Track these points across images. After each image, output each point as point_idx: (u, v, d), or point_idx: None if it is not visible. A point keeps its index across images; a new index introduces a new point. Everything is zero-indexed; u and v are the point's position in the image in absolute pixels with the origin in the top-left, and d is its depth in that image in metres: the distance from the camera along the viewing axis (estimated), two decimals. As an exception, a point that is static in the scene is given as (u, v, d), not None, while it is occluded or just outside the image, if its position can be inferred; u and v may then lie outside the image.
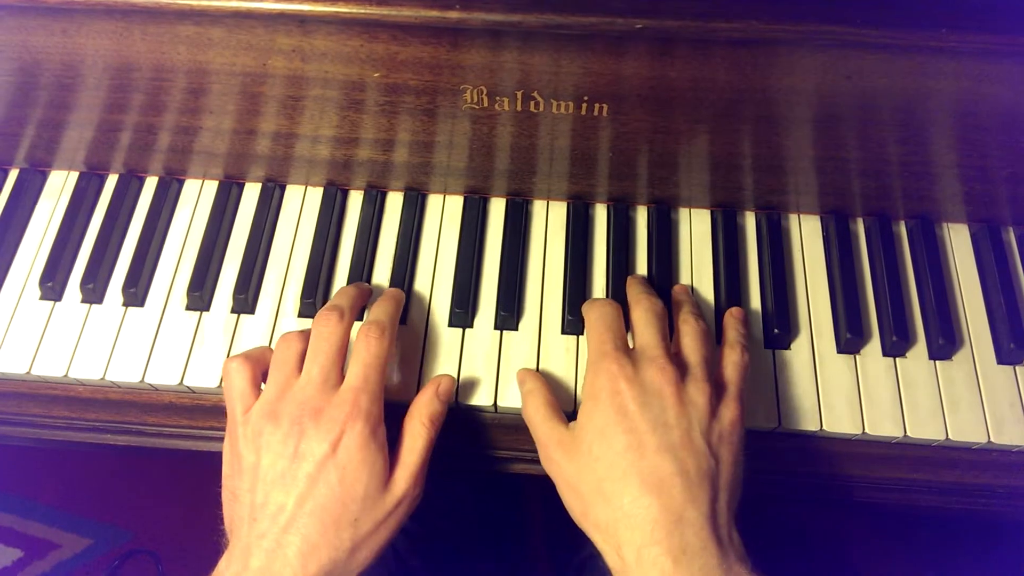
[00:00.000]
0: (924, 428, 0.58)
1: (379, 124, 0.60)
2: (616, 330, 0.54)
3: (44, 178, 0.68)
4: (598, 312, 0.55)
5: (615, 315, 0.55)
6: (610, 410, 0.49)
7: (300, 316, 0.62)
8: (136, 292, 0.62)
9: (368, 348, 0.52)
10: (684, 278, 0.64)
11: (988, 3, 0.51)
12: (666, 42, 0.52)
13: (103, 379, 0.59)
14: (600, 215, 0.67)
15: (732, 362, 0.54)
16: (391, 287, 0.62)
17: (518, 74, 0.55)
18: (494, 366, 0.60)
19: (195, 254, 0.64)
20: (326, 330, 0.53)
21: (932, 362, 0.61)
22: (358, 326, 0.59)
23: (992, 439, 0.58)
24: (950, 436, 0.58)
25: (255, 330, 0.61)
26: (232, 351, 0.60)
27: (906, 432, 0.58)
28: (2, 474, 1.19)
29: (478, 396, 0.58)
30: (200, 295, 0.62)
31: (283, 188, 0.67)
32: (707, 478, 0.47)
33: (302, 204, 0.67)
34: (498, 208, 0.67)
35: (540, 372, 0.59)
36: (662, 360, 0.50)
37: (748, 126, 0.58)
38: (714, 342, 0.57)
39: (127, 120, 0.62)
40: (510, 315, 0.61)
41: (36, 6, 0.53)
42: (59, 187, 0.67)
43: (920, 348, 0.61)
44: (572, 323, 0.61)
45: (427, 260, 0.64)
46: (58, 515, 1.16)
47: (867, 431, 0.58)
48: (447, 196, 0.67)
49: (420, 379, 0.59)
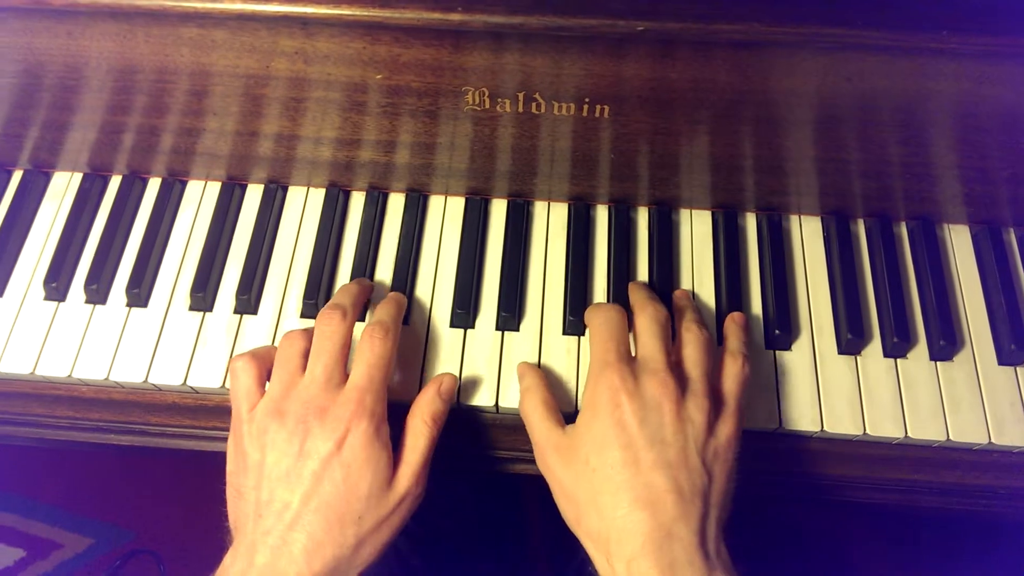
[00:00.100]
0: (925, 429, 0.58)
1: (381, 126, 0.60)
2: (620, 338, 0.53)
3: (48, 179, 0.68)
4: (603, 318, 0.55)
5: (619, 321, 0.55)
6: (609, 422, 0.49)
7: (302, 317, 0.62)
8: (140, 293, 0.62)
9: (372, 348, 0.52)
10: (685, 279, 0.64)
11: (988, 5, 0.51)
12: (667, 44, 0.53)
13: (107, 379, 0.60)
14: (601, 216, 0.67)
15: (732, 374, 0.54)
16: (393, 290, 0.62)
17: (520, 76, 0.55)
18: (495, 367, 0.60)
19: (198, 255, 0.64)
20: (329, 329, 0.53)
21: (933, 363, 0.61)
22: (360, 326, 0.60)
23: (993, 440, 0.58)
24: (951, 437, 0.58)
25: (258, 331, 0.62)
26: (235, 351, 0.60)
27: (907, 433, 0.58)
28: (5, 474, 1.19)
29: (479, 396, 0.59)
30: (203, 296, 0.62)
31: (285, 189, 0.68)
32: (699, 495, 0.48)
33: (304, 205, 0.67)
34: (499, 209, 0.67)
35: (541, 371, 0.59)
36: (663, 373, 0.50)
37: (749, 127, 0.58)
38: (715, 350, 0.57)
39: (130, 122, 0.62)
40: (511, 316, 0.61)
41: (41, 8, 0.53)
42: (63, 188, 0.68)
43: (921, 349, 0.61)
44: (573, 324, 0.61)
45: (429, 261, 0.64)
46: (60, 515, 1.16)
47: (868, 432, 0.58)
48: (449, 197, 0.67)
49: (422, 379, 0.59)
